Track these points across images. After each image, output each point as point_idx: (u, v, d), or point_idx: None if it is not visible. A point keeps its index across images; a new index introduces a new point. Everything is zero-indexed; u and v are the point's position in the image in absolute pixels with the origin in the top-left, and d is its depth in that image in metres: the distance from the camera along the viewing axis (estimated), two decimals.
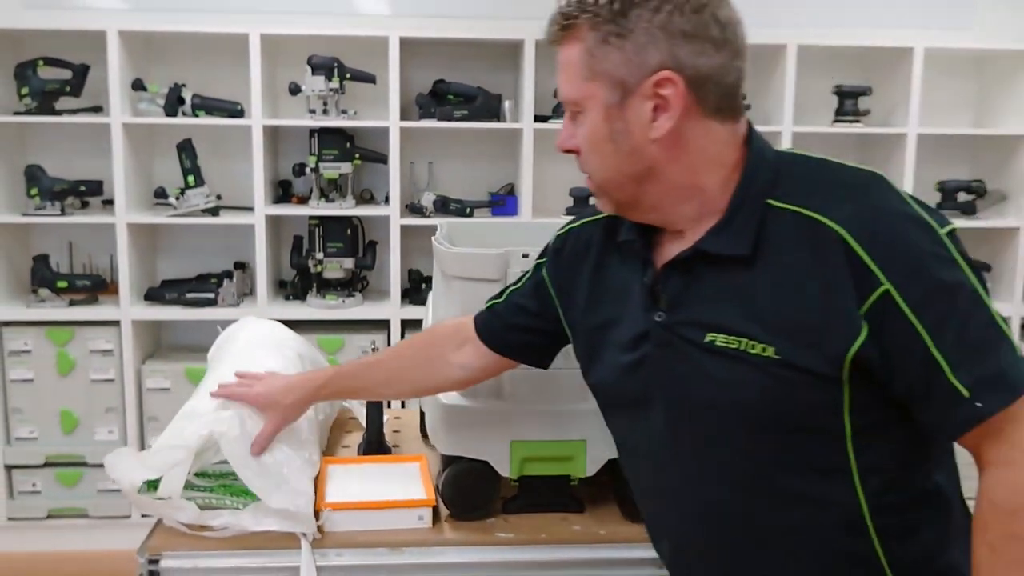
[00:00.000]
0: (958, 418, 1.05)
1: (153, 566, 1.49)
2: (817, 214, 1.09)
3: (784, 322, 1.09)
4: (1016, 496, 1.03)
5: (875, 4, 3.76)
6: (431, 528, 1.54)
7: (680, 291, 1.18)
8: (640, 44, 1.11)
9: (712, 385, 1.15)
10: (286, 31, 3.40)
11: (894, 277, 1.05)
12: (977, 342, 1.05)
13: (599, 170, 1.20)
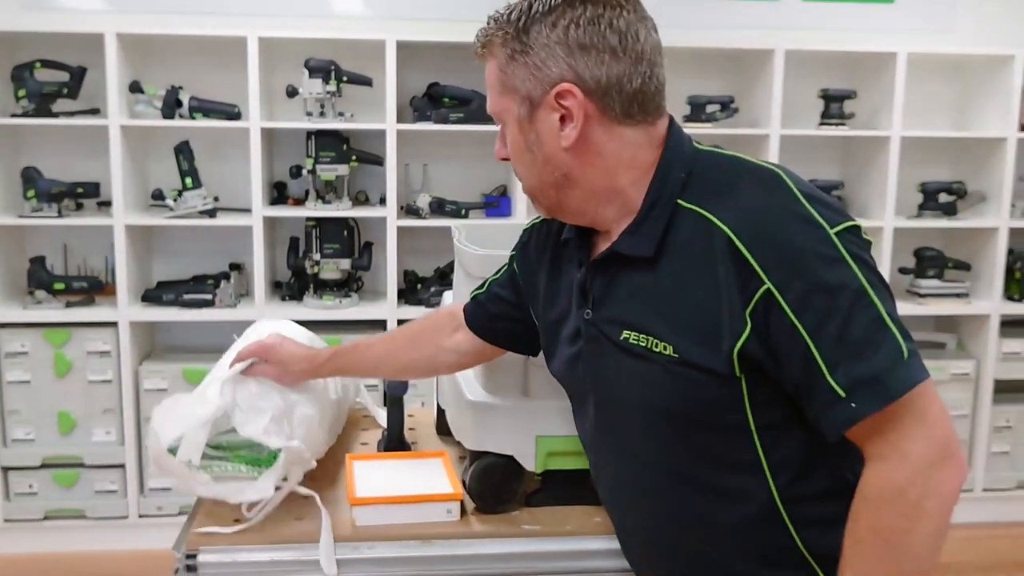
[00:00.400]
0: (835, 418, 1.07)
1: (191, 561, 1.52)
2: (711, 215, 1.12)
3: (681, 321, 1.14)
4: (882, 491, 1.06)
5: (860, 10, 3.86)
6: (459, 521, 1.59)
7: (602, 290, 1.24)
8: (541, 59, 1.16)
9: (628, 381, 1.21)
10: (283, 34, 3.43)
11: (775, 277, 1.07)
12: (857, 343, 1.05)
13: (524, 178, 1.26)
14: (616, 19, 1.16)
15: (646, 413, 1.21)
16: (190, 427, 1.57)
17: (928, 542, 1.06)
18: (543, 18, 1.16)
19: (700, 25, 3.75)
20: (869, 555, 1.08)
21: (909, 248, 3.86)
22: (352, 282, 3.65)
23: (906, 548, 1.06)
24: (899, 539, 1.06)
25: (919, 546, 1.06)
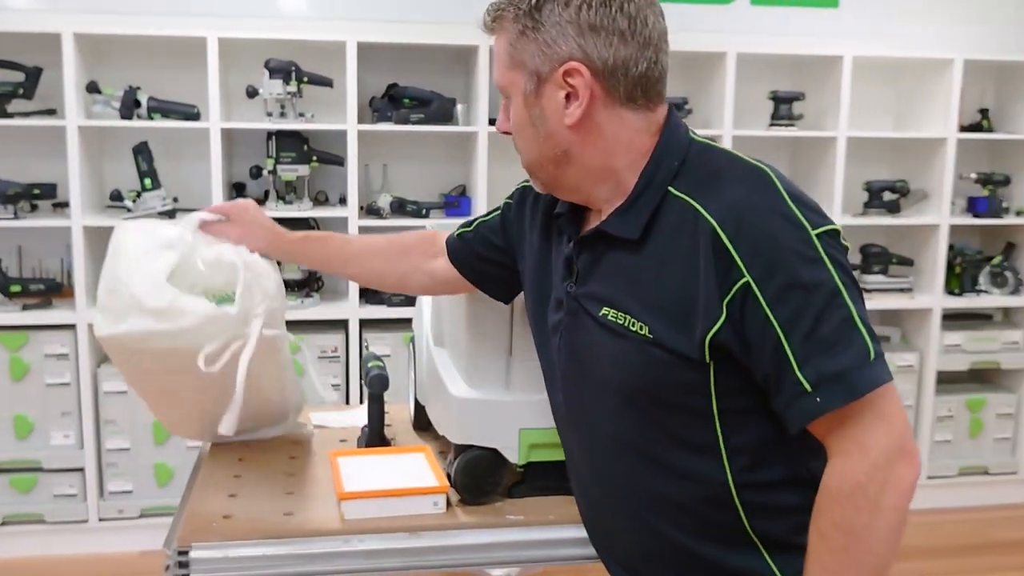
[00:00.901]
0: (800, 410, 1.11)
1: (183, 557, 1.53)
2: (698, 204, 1.17)
3: (658, 304, 1.19)
4: (843, 485, 1.11)
5: (808, 15, 3.97)
6: (445, 513, 1.63)
7: (588, 266, 1.30)
8: (551, 36, 1.20)
9: (601, 356, 1.26)
10: (243, 35, 3.42)
11: (755, 271, 1.11)
12: (827, 340, 1.09)
13: (524, 152, 1.31)
14: (627, 3, 1.19)
15: (614, 389, 1.26)
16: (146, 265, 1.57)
17: (887, 536, 1.11)
18: (539, 14, 1.20)
19: None
20: (832, 548, 1.13)
21: (855, 245, 3.99)
22: (313, 282, 3.66)
23: (866, 541, 1.11)
24: (860, 533, 1.11)
25: (878, 539, 1.11)
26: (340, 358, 3.58)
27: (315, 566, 1.55)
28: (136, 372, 1.71)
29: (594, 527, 1.45)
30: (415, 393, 2.02)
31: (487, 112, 3.54)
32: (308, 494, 1.69)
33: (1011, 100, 4.17)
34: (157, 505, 3.47)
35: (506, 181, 3.65)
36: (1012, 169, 4.10)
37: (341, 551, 1.56)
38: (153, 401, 1.84)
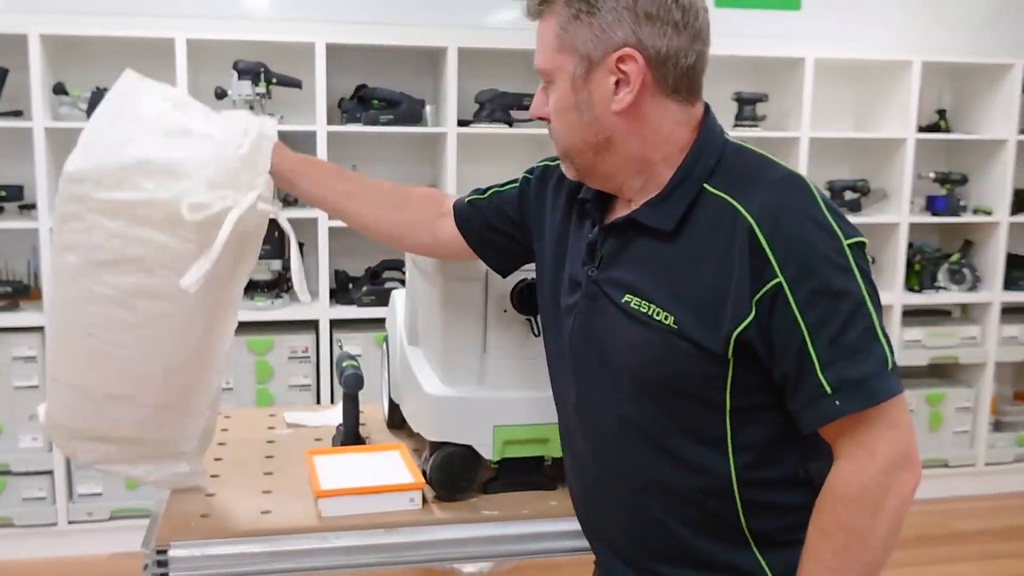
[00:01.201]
0: (818, 412, 1.15)
1: (161, 556, 1.55)
2: (736, 202, 1.18)
3: (687, 296, 1.20)
4: (849, 487, 1.15)
5: (771, 17, 4.04)
6: (421, 509, 1.66)
7: (613, 252, 1.30)
8: (607, 22, 1.20)
9: (620, 342, 1.27)
10: (211, 36, 3.42)
11: (789, 272, 1.13)
12: (851, 347, 1.13)
13: (564, 136, 1.29)
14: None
15: (629, 375, 1.27)
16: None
17: (886, 538, 1.15)
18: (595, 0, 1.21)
19: None
20: (834, 547, 1.16)
21: None
22: (283, 283, 3.67)
23: (867, 542, 1.15)
24: (861, 533, 1.15)
25: (878, 541, 1.15)
26: (311, 359, 3.59)
27: (293, 563, 1.58)
28: (75, 270, 1.44)
29: (588, 511, 1.45)
30: (389, 392, 2.04)
31: (456, 113, 3.57)
32: (285, 492, 1.71)
33: (968, 101, 4.27)
34: (127, 507, 3.46)
35: (475, 181, 3.68)
36: (969, 168, 4.20)
37: (318, 548, 1.58)
38: (72, 350, 1.51)
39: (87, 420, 1.55)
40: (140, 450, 1.60)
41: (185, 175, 1.40)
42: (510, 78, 3.81)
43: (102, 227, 1.40)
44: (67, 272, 1.45)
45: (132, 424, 1.56)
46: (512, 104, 3.68)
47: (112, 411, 1.54)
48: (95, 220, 1.40)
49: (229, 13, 3.61)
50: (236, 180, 1.44)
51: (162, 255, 1.41)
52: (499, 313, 1.67)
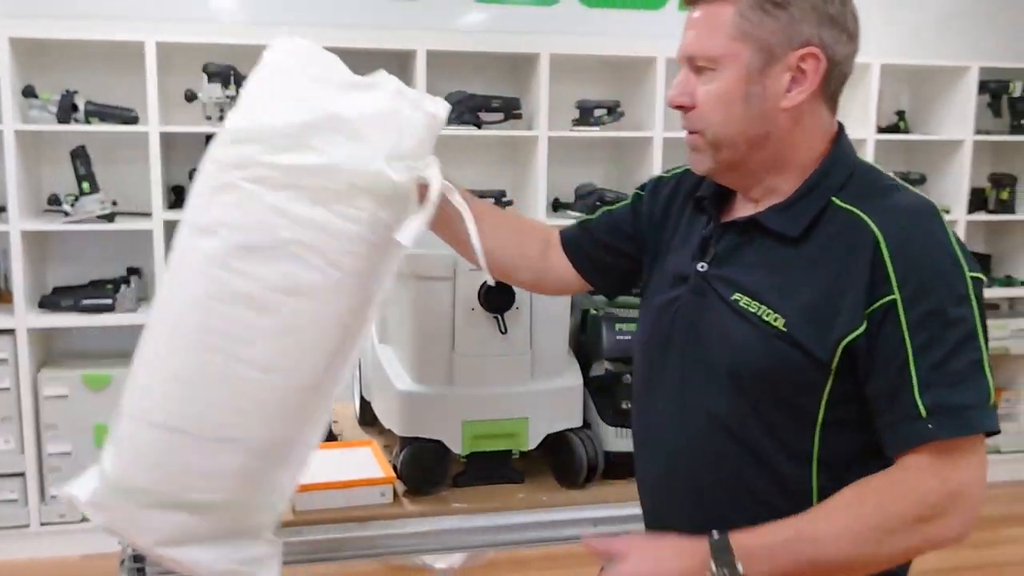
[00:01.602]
0: (908, 433, 1.13)
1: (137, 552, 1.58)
2: (866, 216, 1.18)
3: (800, 301, 1.19)
4: (909, 489, 1.13)
5: None
6: (393, 503, 1.71)
7: (729, 250, 1.29)
8: (795, 18, 1.19)
9: (723, 338, 1.25)
10: (181, 39, 3.44)
11: (906, 291, 1.13)
12: (953, 375, 1.12)
13: (719, 126, 1.24)
14: (854, 7, 1.24)
15: (728, 373, 1.24)
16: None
17: (894, 547, 1.13)
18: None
19: (588, 33, 3.95)
20: (862, 514, 1.13)
21: None
22: None
23: (885, 534, 1.12)
24: (885, 524, 1.12)
25: (892, 542, 1.13)
26: None
27: None
28: (212, 259, 1.24)
29: (655, 504, 1.42)
30: (360, 389, 2.09)
31: None
32: None
33: (926, 102, 4.37)
34: None
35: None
36: (928, 168, 4.30)
37: (293, 541, 1.62)
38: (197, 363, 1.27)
39: (174, 477, 1.30)
40: (221, 522, 1.34)
41: (367, 139, 1.25)
42: (478, 80, 3.86)
43: (260, 201, 1.23)
44: (200, 262, 1.25)
45: (227, 479, 1.31)
46: (480, 106, 3.73)
47: (211, 460, 1.29)
48: (253, 191, 1.23)
49: (198, 16, 3.62)
50: (417, 151, 1.30)
51: (322, 238, 1.24)
52: (467, 312, 1.72)
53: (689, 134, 1.28)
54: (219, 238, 1.23)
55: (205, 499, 1.30)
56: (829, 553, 1.13)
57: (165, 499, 1.29)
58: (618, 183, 4.05)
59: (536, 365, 1.77)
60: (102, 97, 3.45)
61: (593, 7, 3.99)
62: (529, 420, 1.77)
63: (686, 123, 1.28)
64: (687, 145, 1.30)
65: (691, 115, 1.27)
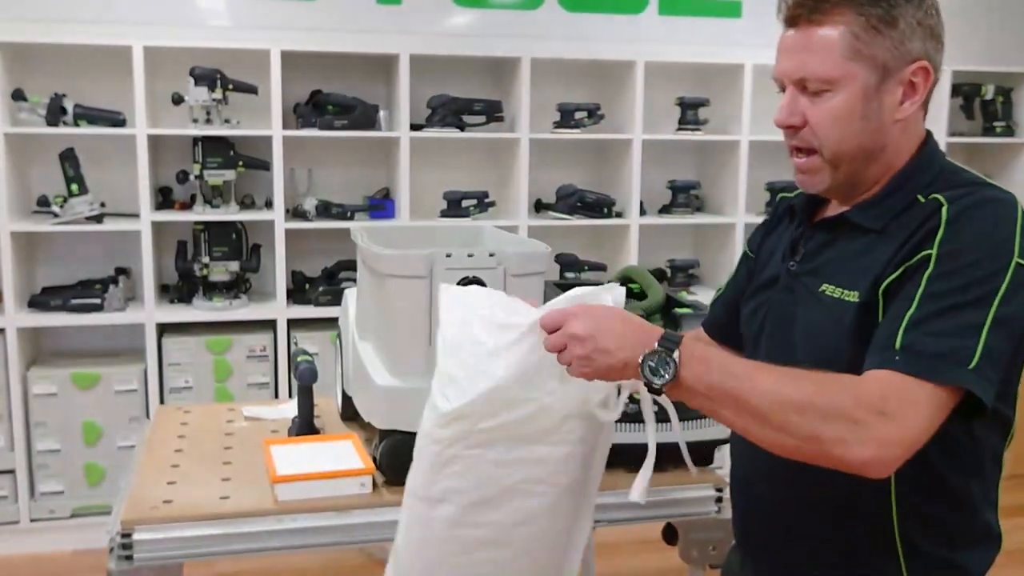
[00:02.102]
0: (878, 358, 1.16)
1: (126, 539, 1.65)
2: (942, 198, 1.23)
3: (872, 272, 1.24)
4: (860, 387, 1.14)
5: (712, 25, 4.20)
6: (371, 493, 1.78)
7: (817, 248, 1.36)
8: (905, 35, 1.25)
9: (810, 329, 1.31)
10: (168, 43, 3.50)
11: (943, 250, 1.17)
12: (946, 328, 1.14)
13: (838, 143, 1.28)
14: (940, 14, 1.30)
15: (814, 362, 1.22)
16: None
17: (800, 426, 1.12)
18: (899, 12, 1.25)
19: (569, 37, 4.02)
20: (793, 380, 1.15)
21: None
22: (241, 283, 3.75)
23: (797, 407, 1.13)
24: (808, 401, 1.13)
25: (799, 418, 1.12)
26: (268, 357, 3.68)
27: (251, 544, 1.69)
28: (449, 522, 1.36)
29: (746, 506, 1.48)
30: (342, 385, 2.15)
31: (408, 118, 3.68)
32: (243, 479, 1.82)
33: None
34: (88, 505, 3.53)
35: (428, 184, 3.84)
36: None
37: (274, 529, 1.69)
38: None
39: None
40: None
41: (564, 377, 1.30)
42: (461, 83, 3.93)
43: (482, 460, 1.32)
44: (439, 528, 1.36)
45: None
46: (463, 109, 3.80)
47: None
48: (475, 455, 1.32)
49: (186, 21, 3.68)
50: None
51: (542, 469, 1.34)
52: None
53: (799, 155, 1.33)
54: (452, 504, 1.34)
55: None
56: (751, 396, 1.15)
57: None
58: (598, 184, 4.12)
59: None
60: (90, 100, 3.51)
61: (574, 11, 4.06)
62: None
63: (797, 142, 1.32)
64: (797, 166, 1.34)
65: (803, 133, 1.31)
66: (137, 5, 3.62)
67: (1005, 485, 1.40)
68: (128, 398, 3.55)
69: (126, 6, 3.61)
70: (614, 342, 1.20)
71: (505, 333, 1.28)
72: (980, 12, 4.47)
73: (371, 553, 3.50)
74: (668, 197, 4.16)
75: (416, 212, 3.79)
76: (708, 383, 1.18)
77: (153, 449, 1.98)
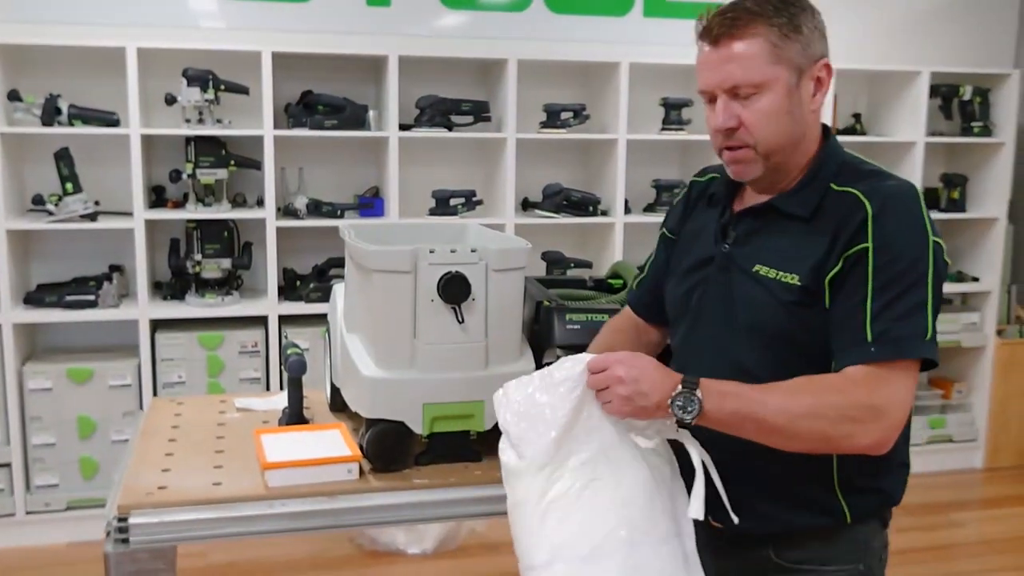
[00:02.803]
0: (854, 353, 1.40)
1: (122, 523, 1.71)
2: (859, 192, 1.46)
3: (811, 261, 1.46)
4: (846, 387, 1.39)
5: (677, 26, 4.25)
6: (359, 479, 1.84)
7: (747, 232, 1.58)
8: (808, 38, 1.48)
9: (748, 302, 1.53)
10: (162, 45, 3.57)
11: (877, 241, 1.41)
12: (901, 312, 1.39)
13: (772, 138, 1.49)
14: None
15: (755, 331, 1.52)
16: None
17: (812, 429, 1.38)
18: (803, 11, 1.48)
19: (556, 39, 4.09)
20: (795, 393, 1.39)
21: None
22: (233, 280, 3.82)
23: (808, 414, 1.37)
24: (815, 409, 1.38)
25: (812, 423, 1.38)
26: (260, 353, 3.75)
27: (242, 527, 1.74)
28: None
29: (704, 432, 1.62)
30: (331, 377, 2.22)
31: (397, 118, 3.75)
32: (235, 467, 1.88)
33: (881, 106, 4.54)
34: (83, 497, 3.60)
35: (416, 183, 3.91)
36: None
37: (265, 514, 1.75)
38: None
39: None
40: None
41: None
42: (449, 84, 4.00)
43: (578, 502, 1.48)
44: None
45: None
46: (451, 109, 3.87)
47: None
48: (569, 500, 1.48)
49: (179, 23, 3.75)
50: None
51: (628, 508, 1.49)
52: (427, 303, 1.84)
53: (735, 150, 1.52)
54: (562, 561, 1.45)
55: None
56: (767, 415, 1.38)
57: None
58: (584, 183, 4.20)
59: (491, 352, 1.90)
60: (85, 101, 3.57)
61: (560, 13, 4.14)
62: (485, 403, 1.90)
63: (734, 142, 1.51)
64: (732, 159, 1.53)
65: (739, 133, 1.50)
66: (130, 7, 3.69)
67: (983, 477, 1.64)
68: (122, 393, 3.61)
69: (120, 8, 3.68)
70: (650, 386, 1.41)
71: (560, 386, 1.47)
72: (957, 15, 4.56)
73: (360, 544, 3.57)
74: (653, 196, 4.23)
75: (405, 210, 3.86)
76: (730, 411, 1.40)
77: (147, 439, 2.04)
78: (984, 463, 4.62)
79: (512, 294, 1.92)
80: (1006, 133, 4.47)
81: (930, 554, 3.69)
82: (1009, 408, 4.62)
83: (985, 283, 4.57)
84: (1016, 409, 4.63)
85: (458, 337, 1.85)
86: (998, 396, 4.61)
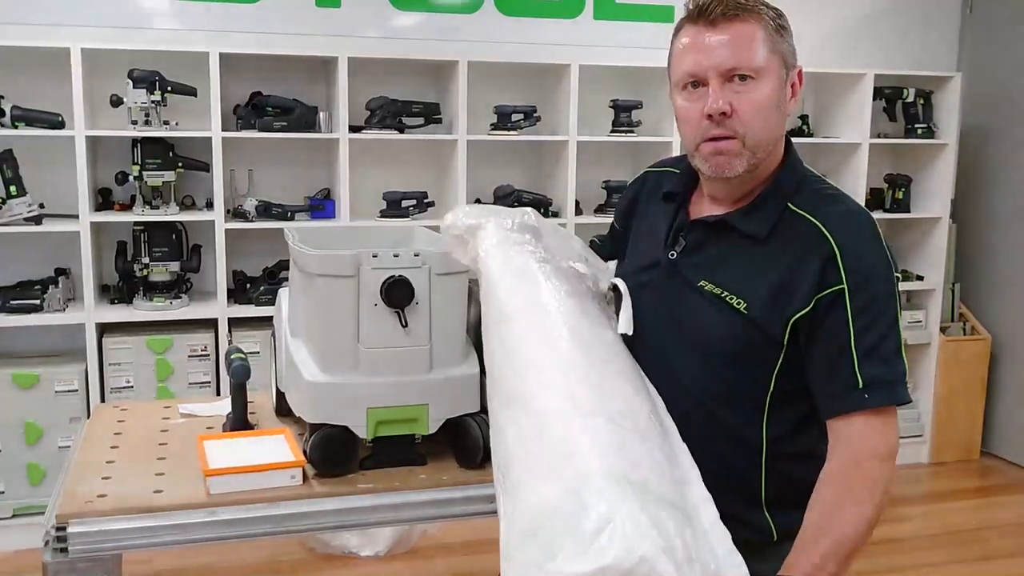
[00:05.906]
0: (847, 400, 1.39)
1: (61, 532, 1.69)
2: (819, 223, 1.43)
3: (762, 289, 1.43)
4: (854, 464, 1.39)
5: (645, 29, 4.30)
6: (302, 485, 1.84)
7: (698, 243, 1.54)
8: (790, 40, 1.49)
9: (691, 317, 1.51)
10: (107, 45, 3.52)
11: (852, 281, 1.38)
12: (884, 353, 1.39)
13: (760, 131, 1.45)
14: None
15: (695, 346, 1.50)
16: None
17: (866, 508, 1.37)
18: (785, 21, 1.49)
19: (506, 41, 4.11)
20: (837, 508, 1.38)
21: None
22: (181, 283, 3.78)
23: (859, 508, 1.37)
24: (861, 499, 1.37)
25: (864, 509, 1.37)
26: (210, 356, 3.72)
27: (183, 535, 1.74)
28: None
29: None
30: (276, 381, 2.21)
31: (347, 119, 3.74)
32: (177, 474, 1.87)
33: (828, 107, 4.61)
34: (30, 504, 3.55)
35: (367, 184, 3.90)
36: (830, 169, 4.54)
37: (207, 521, 1.74)
38: None
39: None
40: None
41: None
42: (400, 86, 3.99)
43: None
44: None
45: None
46: (402, 111, 3.87)
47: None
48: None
49: (124, 23, 3.70)
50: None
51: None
52: (370, 307, 1.85)
53: (721, 140, 1.44)
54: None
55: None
56: (844, 546, 1.36)
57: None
58: (535, 184, 4.21)
59: (435, 355, 1.90)
60: (29, 102, 3.52)
61: (511, 15, 4.15)
62: (429, 406, 1.90)
63: (723, 130, 1.43)
64: (716, 151, 1.45)
65: (731, 121, 1.42)
66: (76, 7, 3.64)
67: (929, 472, 1.72)
68: (69, 398, 3.57)
69: (64, 8, 3.63)
70: None
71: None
72: (901, 18, 4.64)
73: (312, 548, 3.56)
74: (603, 197, 4.26)
75: (356, 212, 3.86)
76: (827, 572, 1.36)
77: (89, 446, 2.02)
78: (930, 458, 4.71)
79: (456, 297, 1.93)
80: (948, 134, 4.55)
81: (877, 548, 3.74)
82: (954, 404, 4.72)
83: (929, 281, 4.66)
84: (960, 405, 4.73)
85: (402, 341, 1.85)
86: (943, 392, 4.70)
